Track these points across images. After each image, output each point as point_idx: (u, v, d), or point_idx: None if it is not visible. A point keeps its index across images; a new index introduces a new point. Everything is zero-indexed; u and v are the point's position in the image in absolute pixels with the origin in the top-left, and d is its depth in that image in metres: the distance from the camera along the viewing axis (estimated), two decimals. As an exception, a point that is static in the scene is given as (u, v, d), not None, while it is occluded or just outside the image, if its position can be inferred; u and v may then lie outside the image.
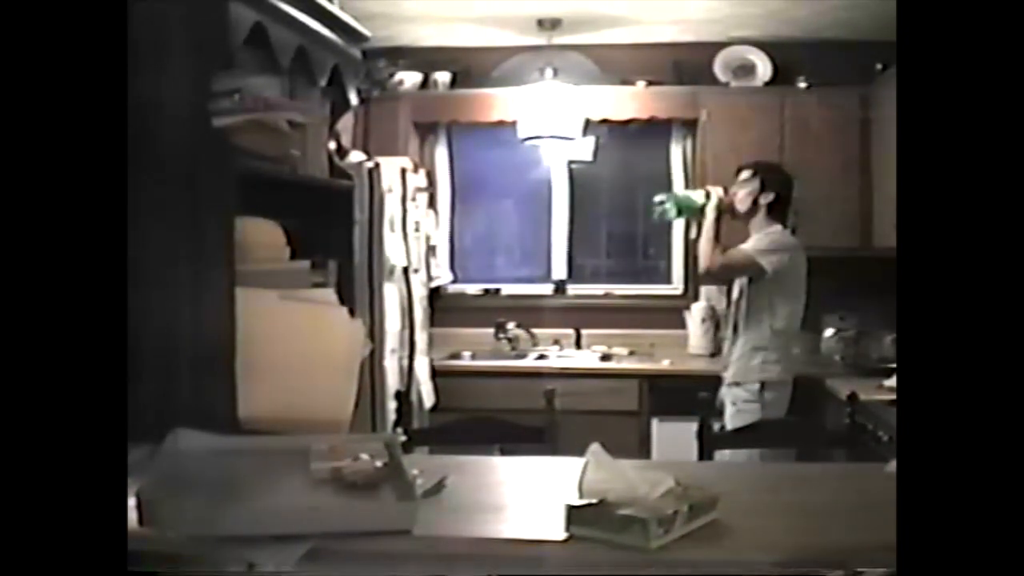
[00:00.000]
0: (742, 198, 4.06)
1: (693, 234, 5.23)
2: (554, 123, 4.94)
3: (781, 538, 1.70)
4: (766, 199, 4.02)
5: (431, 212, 5.01)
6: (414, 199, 4.44)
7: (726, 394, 4.06)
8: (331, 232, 2.82)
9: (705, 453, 2.66)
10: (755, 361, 3.98)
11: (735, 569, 1.64)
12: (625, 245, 5.66)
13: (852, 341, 4.97)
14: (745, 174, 4.09)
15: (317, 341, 2.39)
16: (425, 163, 5.31)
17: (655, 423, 4.74)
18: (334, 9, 2.70)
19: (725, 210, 4.08)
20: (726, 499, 1.77)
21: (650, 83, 5.17)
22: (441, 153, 5.54)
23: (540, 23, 4.84)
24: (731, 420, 3.88)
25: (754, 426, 3.23)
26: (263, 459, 1.97)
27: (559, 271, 5.55)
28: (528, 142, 5.09)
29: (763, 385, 3.96)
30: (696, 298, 5.31)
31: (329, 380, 2.40)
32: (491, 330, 5.33)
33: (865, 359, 4.74)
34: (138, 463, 1.77)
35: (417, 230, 4.48)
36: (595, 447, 1.85)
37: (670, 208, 4.12)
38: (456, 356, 5.19)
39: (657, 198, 4.16)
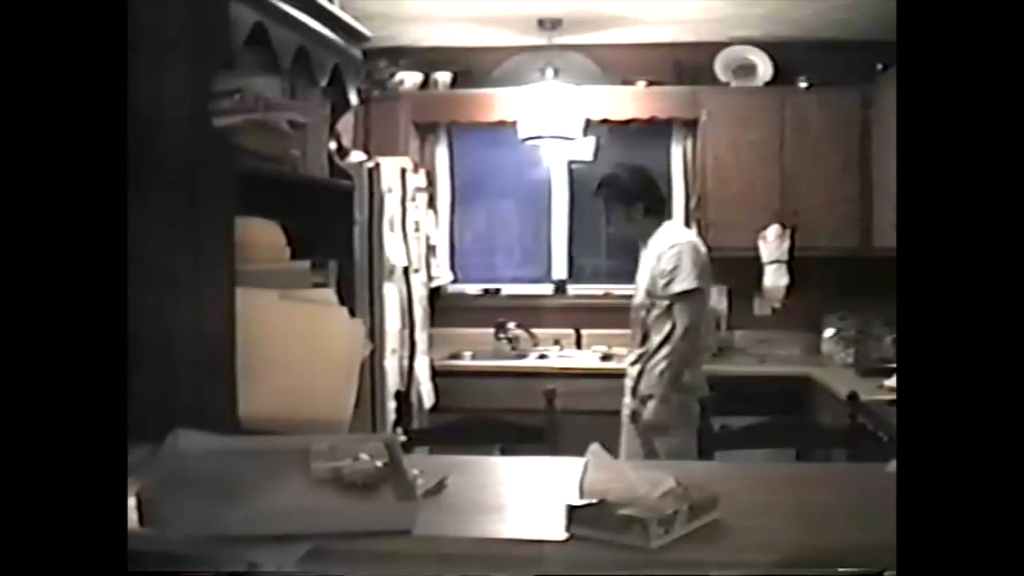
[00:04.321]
0: (615, 226, 3.99)
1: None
2: (554, 123, 4.94)
3: (781, 538, 1.70)
4: (634, 212, 3.85)
5: (431, 212, 5.01)
6: (414, 199, 4.44)
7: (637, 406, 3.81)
8: (331, 232, 2.82)
9: (705, 453, 2.67)
10: (662, 366, 3.71)
11: (735, 569, 1.64)
12: (625, 245, 5.63)
13: (852, 341, 4.98)
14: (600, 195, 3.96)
15: (317, 341, 2.39)
16: (425, 163, 5.31)
17: (655, 423, 4.73)
18: (334, 9, 2.70)
19: None
20: (726, 499, 1.76)
21: (651, 83, 5.17)
22: (441, 153, 5.55)
23: (540, 23, 4.85)
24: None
25: (754, 426, 3.22)
26: (263, 459, 1.97)
27: (559, 271, 5.55)
28: (528, 142, 5.09)
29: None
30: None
31: (329, 380, 2.40)
32: (491, 330, 5.34)
33: (865, 359, 4.75)
34: (138, 463, 1.77)
35: (417, 230, 4.48)
36: (595, 447, 1.86)
37: None
38: (456, 356, 5.19)
39: None
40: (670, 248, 3.75)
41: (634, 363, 3.87)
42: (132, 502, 1.61)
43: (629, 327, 3.94)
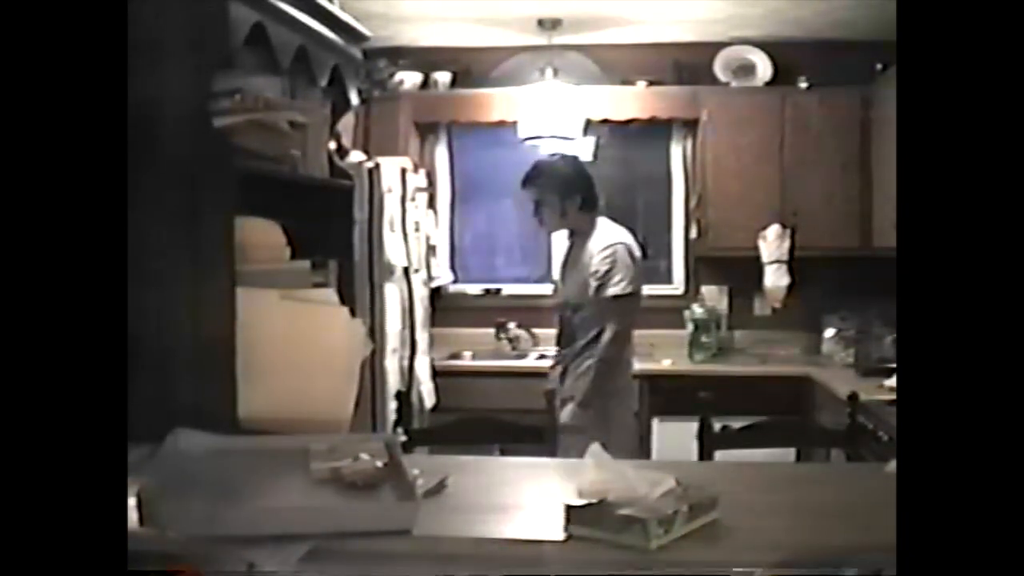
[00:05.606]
0: (547, 220, 3.70)
1: (694, 234, 5.26)
2: (554, 123, 4.94)
3: (781, 538, 1.70)
4: (570, 205, 3.63)
5: (431, 212, 5.01)
6: (414, 199, 4.44)
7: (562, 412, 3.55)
8: (331, 232, 2.82)
9: (705, 453, 2.66)
10: (585, 368, 3.54)
11: (735, 569, 1.64)
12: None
13: (852, 341, 4.97)
14: (531, 193, 3.67)
15: (317, 341, 2.39)
16: (425, 163, 5.31)
17: (655, 423, 4.75)
18: (334, 9, 2.70)
19: None
20: (726, 499, 1.77)
21: (650, 83, 5.17)
22: (441, 153, 5.55)
23: (540, 23, 4.85)
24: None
25: (754, 426, 3.23)
26: (263, 459, 1.97)
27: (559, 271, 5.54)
28: (528, 142, 5.09)
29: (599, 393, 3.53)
30: (697, 298, 5.32)
31: (329, 380, 2.40)
32: (491, 330, 5.34)
33: (865, 359, 4.75)
34: (138, 463, 1.77)
35: (417, 230, 4.48)
36: (595, 447, 1.85)
37: None
38: (456, 356, 5.19)
39: None
40: (604, 249, 3.57)
41: (555, 365, 3.69)
42: (132, 502, 1.62)
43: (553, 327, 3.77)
